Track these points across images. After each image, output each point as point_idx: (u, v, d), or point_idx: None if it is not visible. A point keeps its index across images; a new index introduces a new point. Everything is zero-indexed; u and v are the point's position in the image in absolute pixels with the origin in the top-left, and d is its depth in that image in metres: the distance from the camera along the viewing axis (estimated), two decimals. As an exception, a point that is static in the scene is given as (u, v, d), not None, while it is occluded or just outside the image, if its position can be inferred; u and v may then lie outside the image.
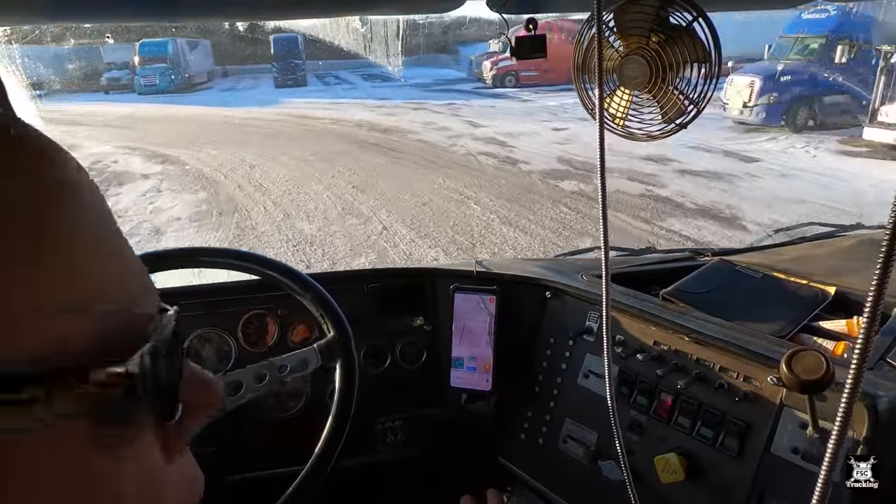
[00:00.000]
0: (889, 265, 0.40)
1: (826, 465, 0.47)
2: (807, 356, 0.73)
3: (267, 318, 1.28)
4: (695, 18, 0.80)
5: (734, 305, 1.11)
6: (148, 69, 18.83)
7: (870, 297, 0.41)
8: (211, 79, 22.82)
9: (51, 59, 13.95)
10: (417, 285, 1.36)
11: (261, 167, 8.44)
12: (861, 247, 1.42)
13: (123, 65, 19.56)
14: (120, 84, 19.45)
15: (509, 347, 1.23)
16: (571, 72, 0.93)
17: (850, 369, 0.44)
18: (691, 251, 1.46)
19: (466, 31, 21.10)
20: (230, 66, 24.41)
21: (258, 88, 20.62)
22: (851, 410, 0.45)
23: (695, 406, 0.96)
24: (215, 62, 23.63)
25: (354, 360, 0.90)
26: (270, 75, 20.89)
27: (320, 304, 0.96)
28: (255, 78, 22.83)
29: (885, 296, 0.41)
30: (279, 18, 1.12)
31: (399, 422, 1.32)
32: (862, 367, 0.43)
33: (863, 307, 0.42)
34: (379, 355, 1.32)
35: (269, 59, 21.07)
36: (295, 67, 20.60)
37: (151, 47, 18.86)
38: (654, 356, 1.03)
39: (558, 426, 1.15)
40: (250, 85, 21.77)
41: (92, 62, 18.79)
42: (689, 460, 0.93)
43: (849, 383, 0.44)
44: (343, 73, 23.44)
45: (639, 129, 0.91)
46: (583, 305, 1.17)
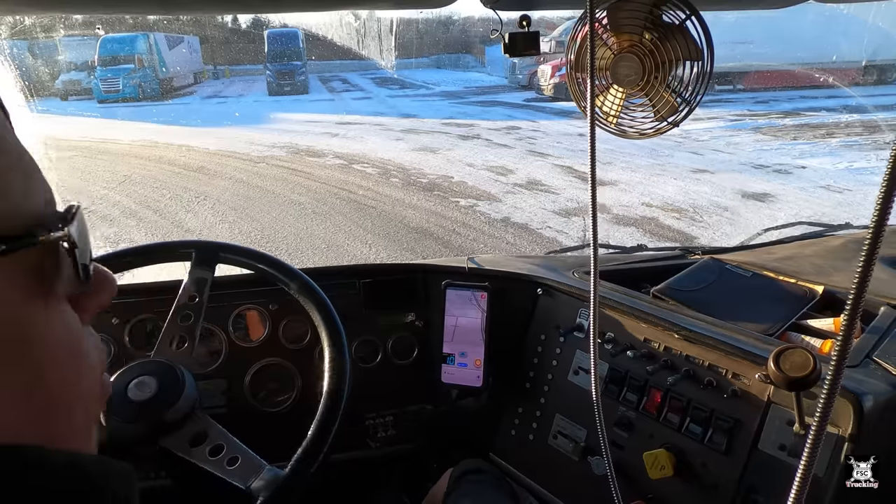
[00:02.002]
0: (871, 263, 0.41)
1: (804, 459, 0.47)
2: (794, 354, 0.74)
3: (258, 314, 1.28)
4: (688, 17, 0.81)
5: (724, 303, 1.12)
6: (109, 71, 15.01)
7: (851, 294, 0.42)
8: (198, 80, 19.28)
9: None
10: (409, 281, 1.36)
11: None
12: (849, 246, 1.44)
13: (86, 65, 15.79)
14: (80, 88, 15.61)
15: (500, 344, 1.24)
16: (565, 70, 0.93)
17: (829, 364, 0.45)
18: (682, 249, 1.47)
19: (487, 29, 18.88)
20: (222, 66, 21.12)
21: (248, 96, 16.61)
22: (832, 404, 0.46)
23: (684, 403, 0.96)
24: (205, 61, 20.18)
25: (345, 351, 0.89)
26: (265, 77, 17.16)
27: (306, 294, 0.96)
28: (249, 81, 19.20)
29: (871, 294, 0.42)
30: (270, 11, 1.12)
31: (390, 417, 1.32)
32: (843, 362, 0.44)
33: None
34: (371, 351, 1.32)
35: (264, 59, 17.28)
36: (293, 70, 16.58)
37: (115, 44, 15.31)
38: (643, 353, 1.04)
39: (548, 422, 1.16)
40: (241, 90, 17.87)
41: (50, 59, 14.90)
42: (677, 456, 0.94)
43: (828, 379, 0.45)
44: (351, 77, 19.96)
45: (631, 127, 0.92)
46: (574, 302, 1.18)
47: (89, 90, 15.40)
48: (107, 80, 14.97)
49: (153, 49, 16.07)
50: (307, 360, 1.27)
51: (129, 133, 10.78)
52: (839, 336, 0.44)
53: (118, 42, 15.43)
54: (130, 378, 0.81)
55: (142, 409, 0.78)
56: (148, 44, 15.88)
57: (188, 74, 18.65)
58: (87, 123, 12.25)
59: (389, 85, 18.05)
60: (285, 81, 16.51)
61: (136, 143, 9.91)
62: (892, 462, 0.76)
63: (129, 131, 11.03)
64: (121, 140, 10.14)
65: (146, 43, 15.81)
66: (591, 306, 0.83)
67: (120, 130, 11.17)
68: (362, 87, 17.92)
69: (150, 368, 0.83)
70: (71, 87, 15.63)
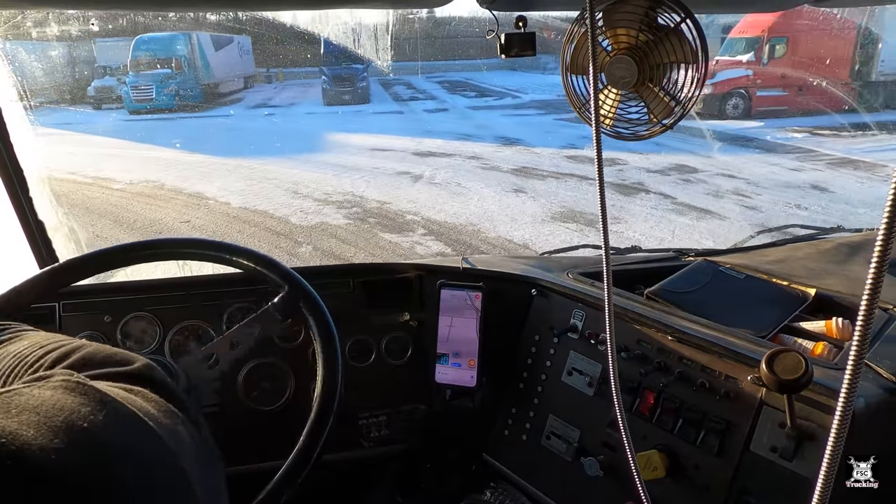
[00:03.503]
0: (882, 270, 0.40)
1: (825, 468, 0.46)
2: (786, 356, 0.74)
3: (251, 311, 1.27)
4: (683, 20, 0.81)
5: (717, 305, 1.12)
6: (142, 77, 12.82)
7: (863, 304, 0.41)
8: (248, 85, 16.61)
9: (38, 57, 10.25)
10: (404, 281, 1.36)
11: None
12: (841, 249, 1.44)
13: (119, 69, 13.68)
14: (114, 96, 13.36)
15: (494, 344, 1.24)
16: (560, 71, 0.93)
17: (843, 381, 0.44)
18: (676, 251, 1.47)
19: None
20: (275, 70, 18.39)
21: (300, 106, 13.79)
22: (849, 416, 0.45)
23: (676, 404, 0.97)
24: (258, 63, 17.53)
25: (336, 348, 0.89)
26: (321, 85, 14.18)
27: (257, 260, 0.96)
28: (303, 87, 16.25)
29: (860, 297, 0.42)
30: (267, 8, 1.11)
31: (383, 417, 1.32)
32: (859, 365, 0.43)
33: (841, 309, 0.43)
34: (364, 350, 1.32)
35: (320, 62, 14.30)
36: (354, 75, 13.68)
37: (151, 46, 13.31)
38: (637, 355, 1.04)
39: (542, 423, 1.16)
40: (292, 98, 15.06)
41: (86, 63, 13.62)
42: (670, 457, 0.94)
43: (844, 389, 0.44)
44: (415, 80, 16.73)
45: (626, 128, 0.92)
46: (568, 303, 1.18)
47: (122, 98, 13.33)
48: (138, 87, 12.79)
49: (196, 50, 13.81)
50: (301, 359, 1.26)
51: (132, 167, 8.11)
52: (855, 337, 0.43)
53: (154, 43, 13.38)
54: None
55: None
56: (190, 45, 13.67)
57: (238, 79, 16.13)
58: (91, 148, 9.63)
59: (462, 91, 15.16)
60: (344, 88, 13.74)
61: (133, 186, 7.21)
62: (890, 462, 0.77)
63: (136, 163, 8.39)
64: (115, 182, 7.35)
65: (187, 44, 13.61)
66: (606, 317, 0.79)
67: (124, 162, 8.58)
68: (432, 94, 14.81)
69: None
70: (104, 95, 13.50)
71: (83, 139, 10.43)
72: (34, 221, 1.25)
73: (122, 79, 13.25)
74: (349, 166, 7.51)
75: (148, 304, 1.23)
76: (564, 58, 0.92)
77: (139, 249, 0.98)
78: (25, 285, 0.87)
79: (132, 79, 12.88)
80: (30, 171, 1.21)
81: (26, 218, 1.24)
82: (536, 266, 1.34)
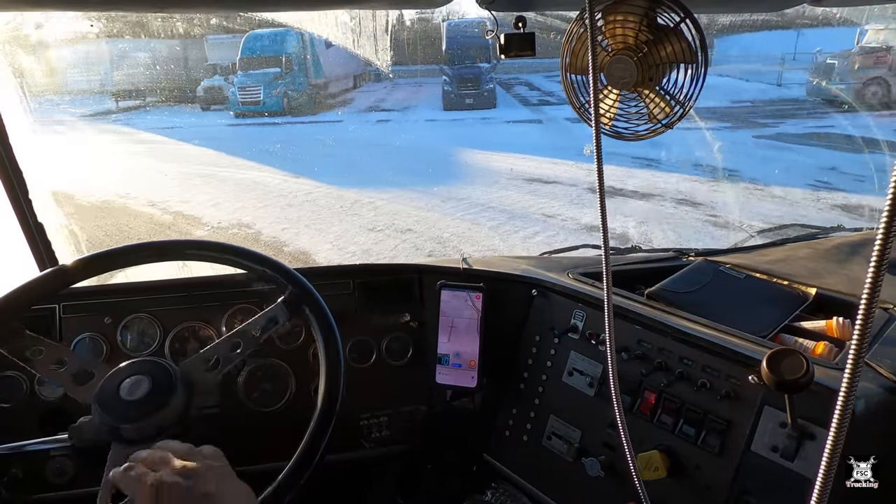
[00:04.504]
0: (881, 269, 0.41)
1: (824, 468, 0.47)
2: (787, 356, 0.74)
3: (252, 312, 1.27)
4: (682, 20, 0.81)
5: (717, 305, 1.12)
6: (249, 77, 11.77)
7: (863, 303, 0.41)
8: (357, 85, 15.08)
9: (149, 56, 9.60)
10: (404, 282, 1.36)
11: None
12: (841, 249, 1.44)
13: (229, 67, 12.69)
14: (222, 97, 12.33)
15: (495, 345, 1.23)
16: (560, 71, 0.93)
17: (842, 381, 0.44)
18: (676, 251, 1.47)
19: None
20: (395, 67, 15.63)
21: (417, 109, 11.94)
22: (847, 415, 0.45)
23: (677, 404, 0.97)
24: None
25: (339, 349, 0.89)
26: (441, 84, 12.27)
27: (262, 261, 0.95)
28: (415, 86, 14.30)
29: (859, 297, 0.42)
30: (268, 9, 1.11)
31: (384, 418, 1.32)
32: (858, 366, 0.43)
33: (842, 308, 0.43)
34: (365, 351, 1.31)
35: (442, 59, 12.58)
36: (479, 76, 11.89)
37: (260, 43, 12.09)
38: (637, 355, 1.04)
39: (543, 423, 1.16)
40: (405, 99, 13.13)
41: (198, 61, 12.52)
42: (671, 457, 0.94)
43: (843, 389, 0.44)
44: (536, 80, 14.44)
45: (626, 128, 0.92)
46: (568, 303, 1.18)
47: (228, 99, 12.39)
48: (245, 88, 11.71)
49: (307, 47, 12.51)
50: (301, 361, 1.26)
51: (224, 197, 6.18)
52: (854, 337, 0.43)
53: (264, 40, 12.13)
54: (123, 377, 0.81)
55: (134, 409, 0.78)
56: (301, 41, 12.37)
57: (347, 78, 14.62)
58: (183, 165, 8.15)
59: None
60: (468, 91, 11.83)
61: (220, 230, 5.61)
62: (890, 462, 0.77)
63: (230, 191, 6.50)
64: (200, 222, 5.71)
65: (298, 40, 12.31)
66: (606, 317, 0.80)
67: (216, 188, 6.61)
68: (562, 97, 13.24)
69: (143, 368, 0.82)
70: (212, 96, 12.53)
71: (178, 150, 9.21)
72: (34, 223, 1.25)
73: (231, 78, 12.36)
74: (508, 209, 5.03)
75: (148, 305, 1.23)
76: (564, 58, 0.92)
77: (145, 250, 0.98)
78: (28, 285, 0.87)
79: (240, 79, 11.92)
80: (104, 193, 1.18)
81: (26, 219, 1.24)
82: (537, 266, 1.34)
